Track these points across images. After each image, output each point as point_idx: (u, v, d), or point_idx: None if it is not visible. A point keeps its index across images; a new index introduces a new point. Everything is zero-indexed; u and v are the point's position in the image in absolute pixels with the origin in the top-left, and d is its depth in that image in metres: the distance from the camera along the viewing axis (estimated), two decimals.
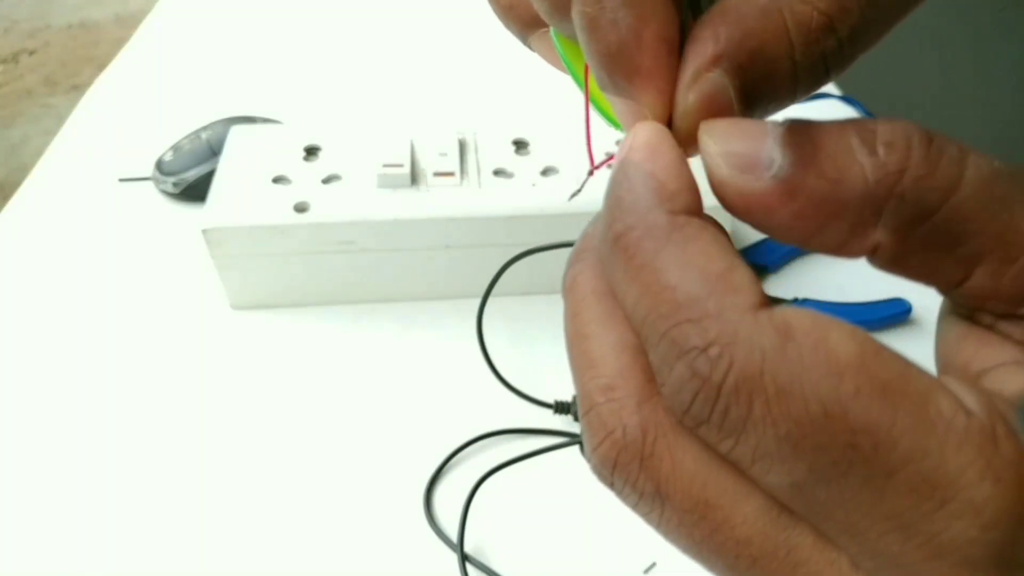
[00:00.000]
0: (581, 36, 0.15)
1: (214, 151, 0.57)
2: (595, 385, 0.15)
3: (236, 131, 0.53)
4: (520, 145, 0.52)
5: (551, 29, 0.18)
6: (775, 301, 0.13)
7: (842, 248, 0.14)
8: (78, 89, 1.95)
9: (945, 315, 0.15)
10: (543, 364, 0.47)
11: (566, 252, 0.17)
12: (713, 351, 0.12)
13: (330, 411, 0.45)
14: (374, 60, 0.77)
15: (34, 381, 0.47)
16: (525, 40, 0.18)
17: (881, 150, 0.13)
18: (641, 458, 0.14)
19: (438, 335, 0.49)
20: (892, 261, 0.14)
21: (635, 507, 0.14)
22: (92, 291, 0.52)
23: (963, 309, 0.14)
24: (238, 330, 0.49)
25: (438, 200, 0.48)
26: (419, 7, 0.83)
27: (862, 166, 0.13)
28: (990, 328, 0.14)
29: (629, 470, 0.14)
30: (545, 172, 0.49)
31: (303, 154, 0.51)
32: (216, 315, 0.50)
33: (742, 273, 0.13)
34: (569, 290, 0.16)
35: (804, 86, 0.14)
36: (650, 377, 0.14)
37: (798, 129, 0.13)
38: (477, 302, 0.44)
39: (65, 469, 0.42)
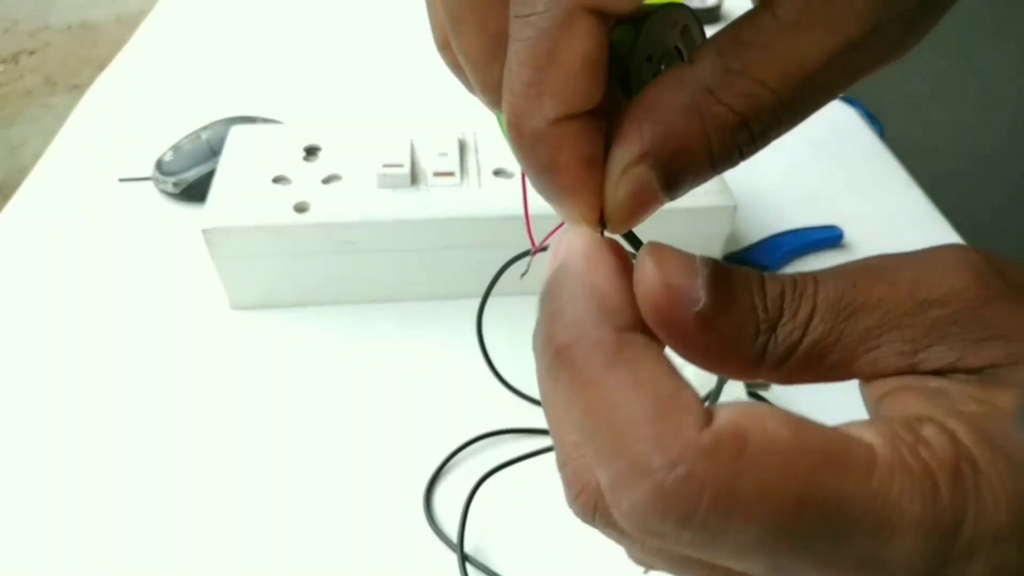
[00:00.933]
0: (513, 154, 0.17)
1: (214, 151, 0.57)
2: (567, 441, 0.17)
3: (236, 131, 0.53)
4: None
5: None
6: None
7: (739, 373, 0.16)
8: (78, 89, 1.95)
9: None
10: None
11: None
12: (680, 470, 0.13)
13: (330, 411, 0.45)
14: (374, 60, 0.77)
15: (34, 381, 0.47)
16: (472, 94, 0.19)
17: (769, 305, 0.16)
18: (607, 512, 0.16)
19: (438, 335, 0.49)
20: (785, 381, 0.16)
21: (618, 541, 0.16)
22: (92, 291, 0.52)
23: None
24: (238, 330, 0.50)
25: (438, 200, 0.48)
26: (419, 7, 0.83)
27: (757, 319, 0.16)
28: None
29: (607, 516, 0.16)
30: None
31: (303, 154, 0.51)
32: (216, 315, 0.50)
33: (689, 393, 0.14)
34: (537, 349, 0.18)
35: (720, 169, 0.16)
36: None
37: (720, 274, 0.16)
38: (477, 302, 0.44)
39: (65, 469, 0.42)
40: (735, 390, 0.43)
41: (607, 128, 0.16)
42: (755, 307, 0.16)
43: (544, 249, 0.20)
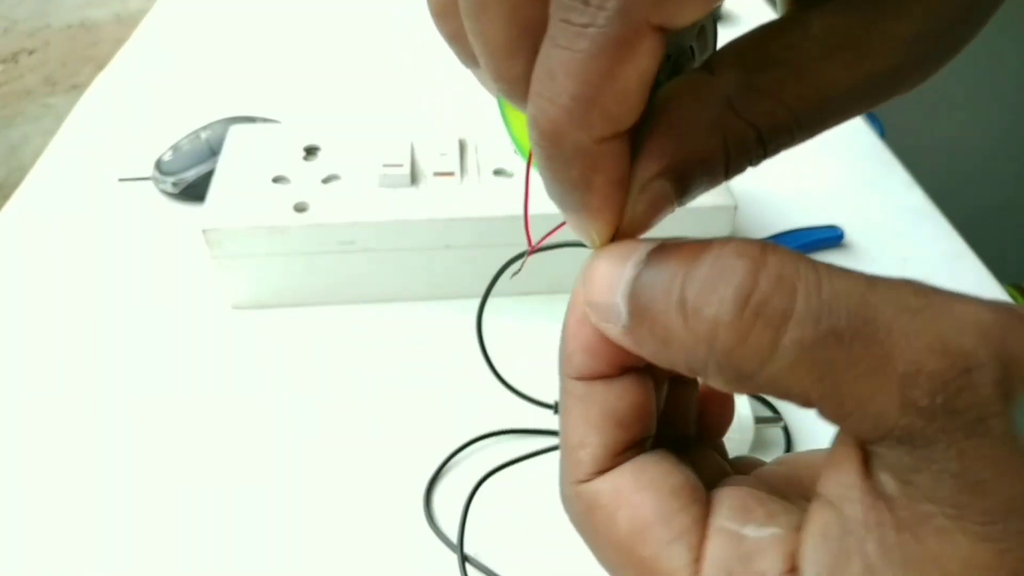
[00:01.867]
0: (537, 160, 0.15)
1: (213, 151, 0.57)
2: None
3: (235, 131, 0.53)
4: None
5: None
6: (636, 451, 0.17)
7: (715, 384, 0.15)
8: (78, 89, 1.95)
9: None
10: (543, 364, 0.46)
11: (566, 252, 0.17)
12: (563, 493, 0.17)
13: (330, 411, 0.45)
14: (374, 60, 0.77)
15: (34, 381, 0.47)
16: (468, 67, 0.18)
17: (690, 317, 0.13)
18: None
19: (438, 335, 0.49)
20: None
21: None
22: (92, 291, 0.52)
23: None
24: (238, 330, 0.49)
25: (438, 200, 0.48)
26: (419, 7, 0.83)
27: (681, 332, 0.14)
28: (852, 447, 0.14)
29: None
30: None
31: (303, 154, 0.51)
32: (216, 315, 0.50)
33: (586, 451, 0.16)
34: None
35: (731, 177, 0.16)
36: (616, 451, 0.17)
37: (644, 283, 0.14)
38: (477, 302, 0.44)
39: (65, 468, 0.42)
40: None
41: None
42: (670, 315, 0.14)
43: (540, 250, 0.20)
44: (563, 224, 0.18)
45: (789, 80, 0.15)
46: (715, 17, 0.18)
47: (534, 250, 0.20)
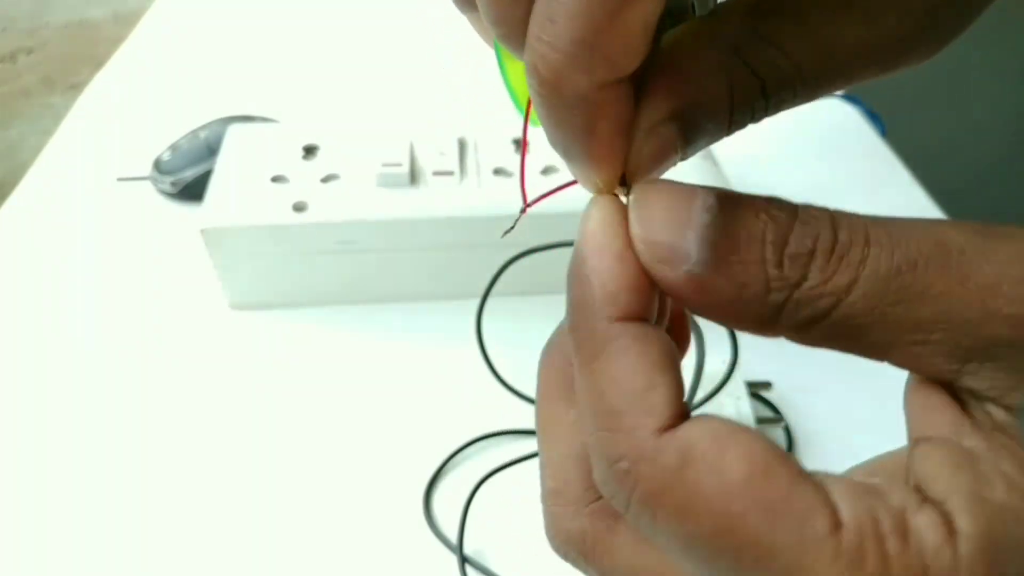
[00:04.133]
0: (537, 108, 0.15)
1: (212, 150, 0.57)
2: (546, 488, 0.17)
3: (234, 130, 0.53)
4: (520, 144, 0.52)
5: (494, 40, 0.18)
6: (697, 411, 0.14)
7: (756, 332, 0.15)
8: (76, 88, 1.95)
9: (909, 375, 0.16)
10: None
11: (566, 252, 0.17)
12: (622, 465, 0.14)
13: (329, 412, 0.45)
14: (373, 59, 0.76)
15: (32, 381, 0.46)
16: (464, 12, 0.18)
17: (787, 262, 0.14)
18: (584, 554, 0.16)
19: (438, 335, 0.49)
20: (809, 344, 0.15)
21: None
22: (90, 291, 0.52)
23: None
24: (237, 330, 0.49)
25: (438, 199, 0.48)
26: (418, 6, 0.83)
27: (767, 278, 0.14)
28: (942, 390, 0.14)
29: (577, 561, 0.17)
30: (545, 171, 0.49)
31: (302, 153, 0.51)
32: (215, 315, 0.50)
33: (659, 393, 0.14)
34: (538, 381, 0.18)
35: (733, 130, 0.16)
36: (590, 484, 0.16)
37: (720, 225, 0.14)
38: (477, 302, 0.44)
39: (64, 469, 0.42)
40: (735, 388, 0.42)
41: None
42: (764, 262, 0.13)
43: (532, 206, 0.20)
44: (559, 189, 0.18)
45: (795, 32, 0.15)
46: None
47: (528, 206, 0.20)
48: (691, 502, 0.13)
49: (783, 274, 0.13)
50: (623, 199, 0.15)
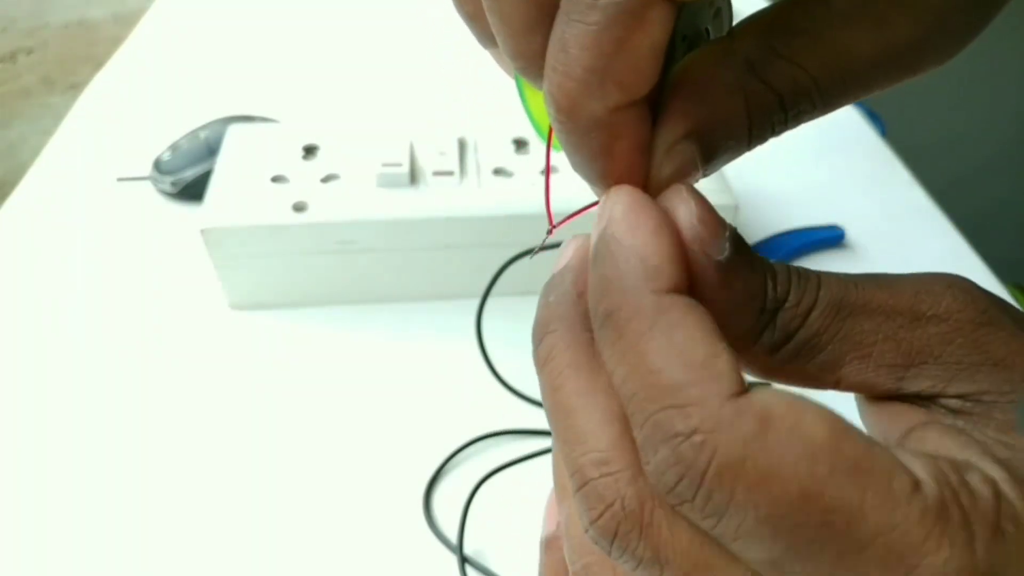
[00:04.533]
0: (558, 135, 0.16)
1: (212, 150, 0.57)
2: (588, 460, 0.15)
3: (233, 130, 0.53)
4: (520, 144, 0.52)
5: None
6: (752, 385, 0.14)
7: (735, 345, 0.15)
8: (76, 88, 1.95)
9: (858, 400, 0.17)
10: None
11: None
12: (697, 438, 0.13)
13: (329, 411, 0.45)
14: (373, 59, 0.76)
15: (31, 381, 0.46)
16: (486, 47, 0.18)
17: (779, 286, 0.15)
18: (640, 527, 0.15)
19: (437, 335, 0.49)
20: (767, 372, 0.16)
21: (633, 571, 0.15)
22: (90, 291, 0.52)
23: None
24: (237, 330, 0.49)
25: (437, 199, 0.48)
26: (418, 6, 0.83)
27: (765, 295, 0.15)
28: (893, 401, 0.16)
29: (629, 539, 0.15)
30: (543, 172, 0.49)
31: (302, 153, 0.51)
32: (215, 315, 0.50)
33: (724, 360, 0.13)
34: (544, 364, 0.17)
35: (754, 145, 0.16)
36: (637, 457, 0.15)
37: (740, 240, 0.16)
38: (477, 302, 0.44)
39: (64, 468, 0.42)
40: None
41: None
42: (766, 284, 0.15)
43: (559, 227, 0.20)
44: (583, 210, 0.18)
45: (810, 46, 0.15)
46: (730, 1, 0.18)
47: (555, 227, 0.20)
48: (776, 468, 0.12)
49: (776, 296, 0.15)
50: None
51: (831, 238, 0.57)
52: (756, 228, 0.57)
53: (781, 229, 0.57)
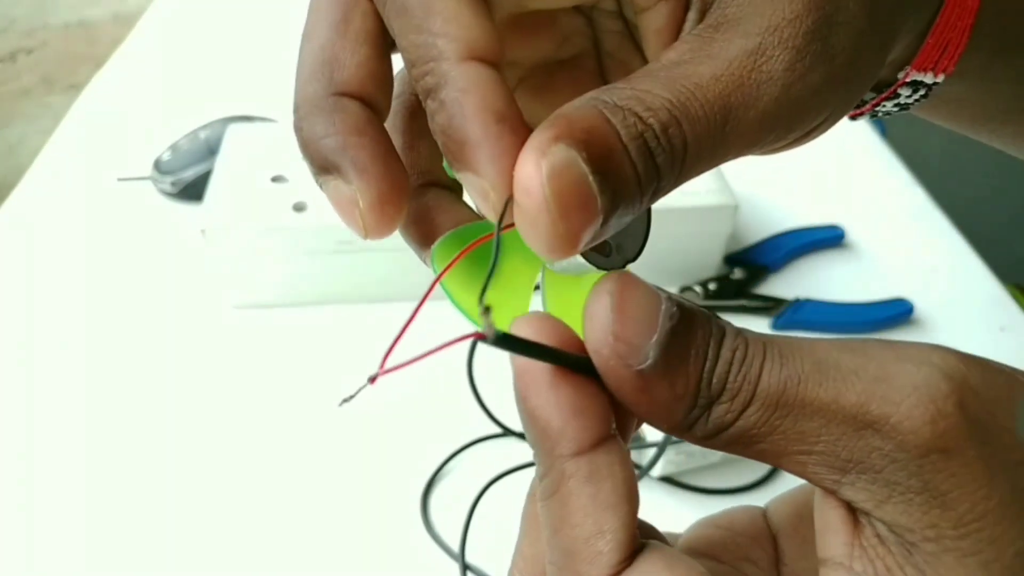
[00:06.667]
0: (431, 126, 0.16)
1: (212, 150, 0.57)
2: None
3: (233, 130, 0.52)
4: None
5: (431, 256, 0.21)
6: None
7: (667, 432, 0.16)
8: (76, 88, 1.94)
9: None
10: None
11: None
12: None
13: (329, 411, 0.45)
14: None
15: (32, 381, 0.46)
16: (421, 256, 0.20)
17: (714, 381, 0.15)
18: None
19: (438, 335, 0.49)
20: (711, 448, 0.16)
21: None
22: (90, 291, 0.52)
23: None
24: (236, 330, 0.49)
25: None
26: None
27: (697, 393, 0.15)
28: (836, 497, 0.15)
29: None
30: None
31: (301, 153, 0.51)
32: (215, 315, 0.50)
33: (607, 540, 0.14)
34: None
35: (647, 174, 0.15)
36: None
37: (679, 332, 0.15)
38: None
39: (64, 468, 0.42)
40: None
41: None
42: (701, 379, 0.15)
43: (377, 379, 0.19)
44: (425, 355, 0.17)
45: (648, 76, 0.16)
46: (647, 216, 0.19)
47: (375, 378, 0.19)
48: None
49: (709, 392, 0.15)
50: (492, 327, 0.15)
51: (831, 238, 0.57)
52: (756, 228, 0.57)
53: (781, 229, 0.57)
